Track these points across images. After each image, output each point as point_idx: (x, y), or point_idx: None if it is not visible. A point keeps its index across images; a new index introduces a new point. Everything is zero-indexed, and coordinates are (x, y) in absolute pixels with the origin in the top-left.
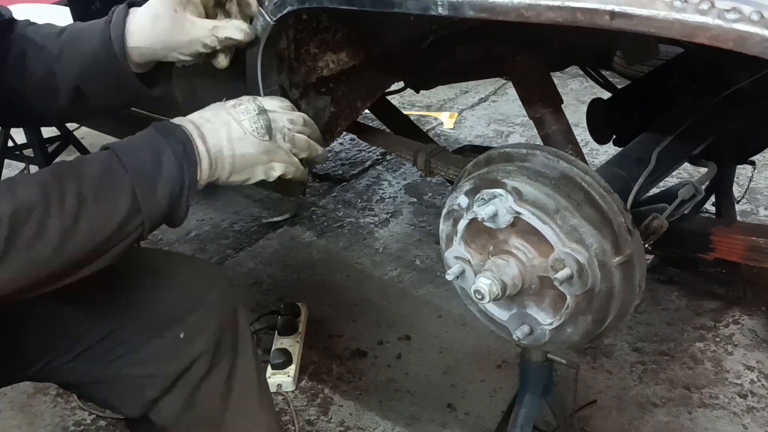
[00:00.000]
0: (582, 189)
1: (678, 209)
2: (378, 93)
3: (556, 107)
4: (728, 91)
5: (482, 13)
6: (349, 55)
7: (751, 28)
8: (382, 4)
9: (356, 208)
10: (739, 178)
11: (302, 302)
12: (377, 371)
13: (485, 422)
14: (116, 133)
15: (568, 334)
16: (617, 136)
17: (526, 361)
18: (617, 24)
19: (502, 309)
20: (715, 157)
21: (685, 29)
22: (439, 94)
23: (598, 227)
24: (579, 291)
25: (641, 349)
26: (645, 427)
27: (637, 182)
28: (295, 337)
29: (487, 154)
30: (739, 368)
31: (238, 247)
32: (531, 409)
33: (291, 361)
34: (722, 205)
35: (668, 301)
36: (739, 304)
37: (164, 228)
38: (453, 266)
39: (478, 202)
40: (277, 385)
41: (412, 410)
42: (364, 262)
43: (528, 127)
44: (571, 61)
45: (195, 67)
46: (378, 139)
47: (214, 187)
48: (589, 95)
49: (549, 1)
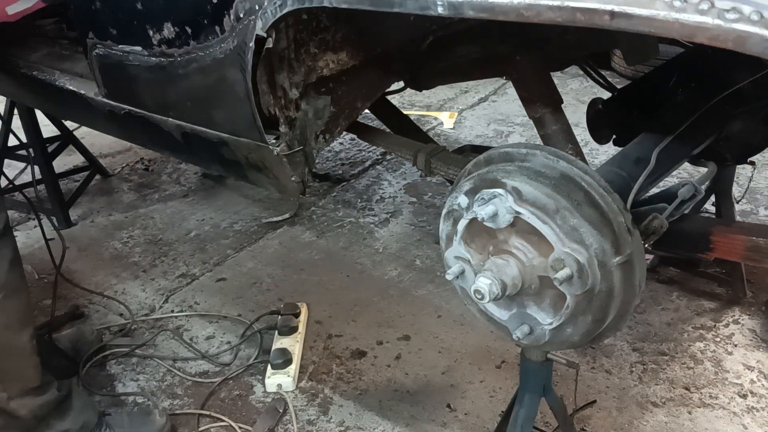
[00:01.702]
0: (582, 189)
1: (678, 209)
2: (378, 93)
3: (556, 107)
4: (728, 91)
5: (482, 13)
6: (349, 55)
7: (750, 28)
8: (382, 4)
9: (356, 208)
10: (739, 178)
11: (302, 302)
12: (377, 371)
13: (485, 422)
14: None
15: (568, 334)
16: (617, 136)
17: (526, 361)
18: (617, 24)
19: (502, 309)
20: (715, 157)
21: (685, 29)
22: (439, 94)
23: (598, 227)
24: (579, 291)
25: (641, 349)
26: (645, 427)
27: (637, 182)
28: (295, 337)
29: (487, 154)
30: (739, 368)
31: (238, 246)
32: (531, 409)
33: (291, 361)
34: (722, 205)
35: (668, 301)
36: (739, 304)
37: (164, 228)
38: (453, 266)
39: (478, 202)
40: (278, 385)
41: (412, 410)
42: (364, 262)
43: (528, 126)
44: (571, 61)
45: None
46: (378, 139)
47: (214, 187)
48: (589, 95)
49: (549, 1)
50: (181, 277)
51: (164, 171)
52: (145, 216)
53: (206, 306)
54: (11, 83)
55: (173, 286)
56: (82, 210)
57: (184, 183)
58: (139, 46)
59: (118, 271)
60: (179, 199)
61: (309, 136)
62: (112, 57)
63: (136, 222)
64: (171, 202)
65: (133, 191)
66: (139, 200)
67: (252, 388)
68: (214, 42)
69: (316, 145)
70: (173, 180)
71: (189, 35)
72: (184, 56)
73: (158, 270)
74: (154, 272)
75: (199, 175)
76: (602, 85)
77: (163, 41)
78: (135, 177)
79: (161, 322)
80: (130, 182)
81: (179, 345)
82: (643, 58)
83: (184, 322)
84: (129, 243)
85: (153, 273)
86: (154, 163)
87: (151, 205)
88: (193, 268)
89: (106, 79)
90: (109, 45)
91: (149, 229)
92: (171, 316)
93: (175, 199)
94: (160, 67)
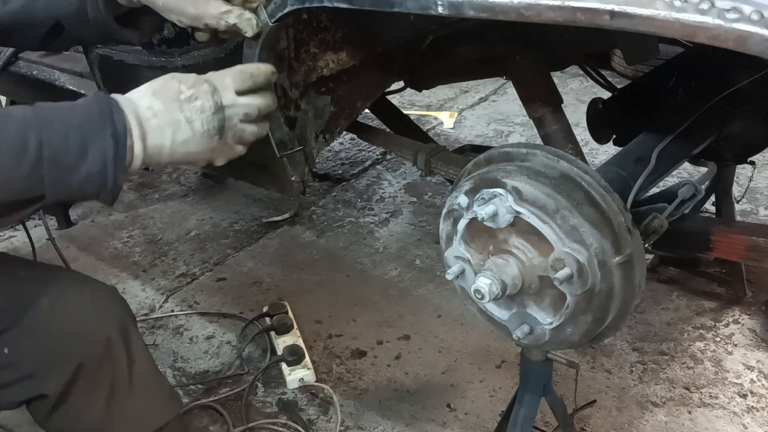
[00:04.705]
0: (582, 188)
1: (678, 209)
2: (378, 92)
3: (556, 107)
4: (728, 91)
5: (482, 13)
6: (349, 55)
7: (751, 28)
8: (382, 4)
9: (356, 208)
10: (739, 178)
11: (283, 300)
12: (377, 371)
13: (485, 422)
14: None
15: (568, 333)
16: (617, 135)
17: (526, 361)
18: (617, 23)
19: (502, 308)
20: (715, 157)
21: (685, 29)
22: (439, 94)
23: (598, 227)
24: (579, 290)
25: (641, 348)
26: (645, 426)
27: (637, 182)
28: (294, 333)
29: (487, 154)
30: (739, 368)
31: (238, 246)
32: (531, 409)
33: (304, 355)
34: (722, 204)
35: (668, 301)
36: (739, 304)
37: (164, 228)
38: (453, 266)
39: (478, 202)
40: (300, 380)
41: (412, 410)
42: (364, 261)
43: (528, 126)
44: (571, 61)
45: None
46: (378, 139)
47: (214, 187)
48: (589, 95)
49: (549, 1)
50: (181, 277)
51: (164, 171)
52: (145, 216)
53: (206, 306)
54: (11, 83)
55: (173, 285)
56: (82, 209)
57: (184, 183)
58: (140, 46)
59: (118, 271)
60: (179, 199)
61: (309, 136)
62: (112, 57)
63: (136, 221)
64: (171, 201)
65: (133, 191)
66: (139, 200)
67: (264, 391)
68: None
69: (316, 145)
70: (173, 179)
71: (189, 35)
72: (184, 56)
73: (158, 269)
74: (154, 272)
75: (199, 174)
76: (602, 85)
77: (163, 41)
78: (135, 176)
79: (161, 321)
80: (130, 182)
81: (179, 345)
82: (643, 58)
83: (184, 322)
84: (129, 243)
85: (153, 272)
86: None
87: (151, 205)
88: (193, 267)
89: (106, 78)
90: (109, 44)
91: (149, 228)
92: (171, 315)
93: (175, 199)
94: (160, 66)
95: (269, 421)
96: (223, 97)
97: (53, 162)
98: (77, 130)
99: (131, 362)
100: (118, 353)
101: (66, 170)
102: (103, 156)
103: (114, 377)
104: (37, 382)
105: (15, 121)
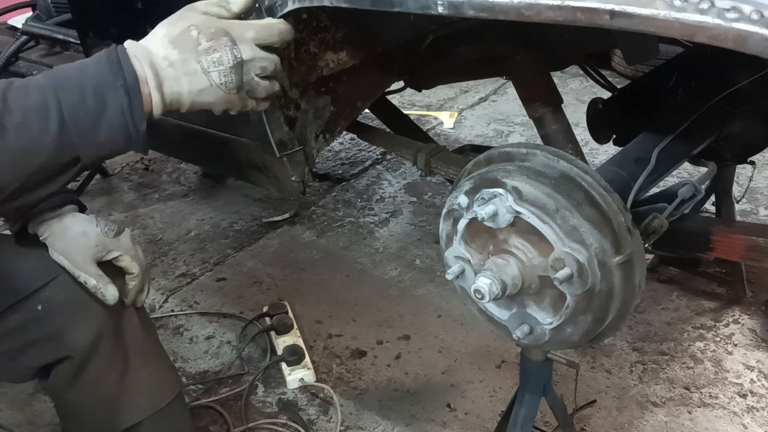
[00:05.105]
0: (582, 188)
1: (678, 209)
2: (378, 92)
3: (556, 107)
4: (728, 91)
5: (482, 13)
6: (349, 55)
7: (751, 28)
8: (382, 4)
9: (356, 208)
10: (739, 178)
11: (283, 299)
12: (377, 371)
13: (485, 422)
14: None
15: (568, 333)
16: (617, 135)
17: (526, 361)
18: (617, 23)
19: (502, 308)
20: (715, 157)
21: (685, 29)
22: (439, 94)
23: (598, 227)
24: (579, 290)
25: (641, 348)
26: (645, 426)
27: (637, 182)
28: (294, 333)
29: (487, 154)
30: (739, 368)
31: (238, 246)
32: (531, 409)
33: (304, 355)
34: (722, 204)
35: (668, 301)
36: (739, 304)
37: (164, 228)
38: (453, 266)
39: (478, 202)
40: (300, 380)
41: (412, 410)
42: (364, 261)
43: (528, 126)
44: (571, 61)
45: None
46: (378, 139)
47: (214, 186)
48: (589, 95)
49: (549, 1)
50: (181, 277)
51: (164, 171)
52: (145, 215)
53: (206, 306)
54: None
55: (173, 285)
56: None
57: (184, 182)
58: None
59: None
60: (179, 199)
61: (309, 136)
62: None
63: (136, 221)
64: (171, 201)
65: (133, 191)
66: (139, 200)
67: (263, 391)
68: None
69: (316, 145)
70: (173, 179)
71: None
72: None
73: (158, 269)
74: (154, 272)
75: (199, 174)
76: (602, 85)
77: None
78: (135, 176)
79: (161, 321)
80: (130, 182)
81: (179, 345)
82: (643, 58)
83: (184, 322)
84: None
85: (153, 272)
86: (154, 163)
87: (151, 205)
88: (193, 267)
89: None
90: (108, 44)
91: (149, 228)
92: (171, 315)
93: (175, 199)
94: None
95: (269, 421)
96: (243, 51)
97: (75, 121)
98: (92, 86)
99: (147, 333)
100: (133, 321)
101: (89, 127)
102: (120, 107)
103: (128, 349)
104: (63, 343)
105: (34, 91)
